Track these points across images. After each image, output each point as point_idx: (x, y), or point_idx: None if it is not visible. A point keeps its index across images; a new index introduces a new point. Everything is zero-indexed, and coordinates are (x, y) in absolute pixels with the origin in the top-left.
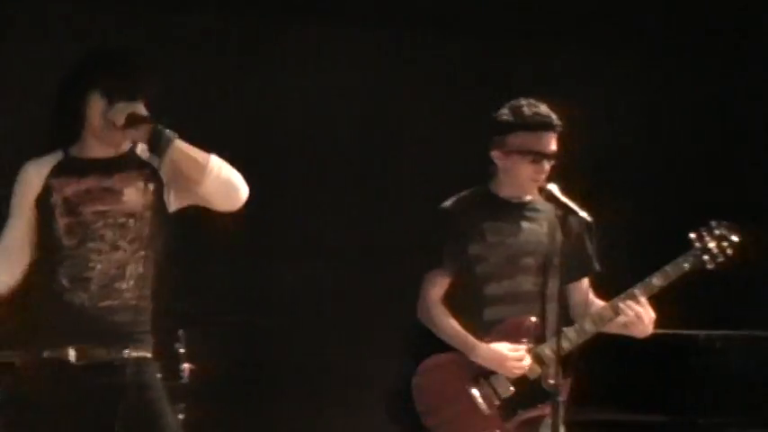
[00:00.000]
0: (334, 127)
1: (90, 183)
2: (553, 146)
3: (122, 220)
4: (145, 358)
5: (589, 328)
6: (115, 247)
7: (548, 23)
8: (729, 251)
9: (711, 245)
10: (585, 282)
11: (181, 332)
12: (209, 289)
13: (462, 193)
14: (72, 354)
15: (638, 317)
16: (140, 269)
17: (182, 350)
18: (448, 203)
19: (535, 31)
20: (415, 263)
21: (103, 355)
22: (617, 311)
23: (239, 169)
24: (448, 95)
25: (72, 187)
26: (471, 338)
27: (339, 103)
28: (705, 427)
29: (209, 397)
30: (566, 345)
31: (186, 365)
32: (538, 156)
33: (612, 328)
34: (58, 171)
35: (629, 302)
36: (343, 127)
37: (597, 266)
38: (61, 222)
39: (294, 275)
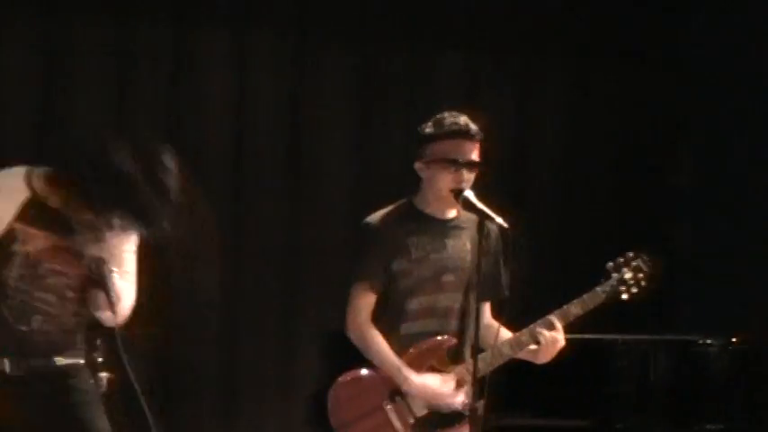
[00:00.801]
0: (258, 131)
1: None
2: (473, 155)
3: None
4: (76, 365)
5: (507, 352)
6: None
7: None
8: (644, 283)
9: (628, 276)
10: (487, 303)
11: (99, 341)
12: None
13: (388, 209)
14: (7, 364)
15: (554, 343)
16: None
17: (100, 359)
18: (374, 219)
19: (458, 41)
20: (339, 268)
21: (37, 364)
22: (536, 338)
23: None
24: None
25: None
26: (405, 368)
27: (262, 109)
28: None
29: (128, 406)
30: (482, 366)
31: (104, 374)
32: (457, 164)
33: (516, 355)
34: None
35: (544, 329)
36: (265, 133)
37: (506, 292)
38: None
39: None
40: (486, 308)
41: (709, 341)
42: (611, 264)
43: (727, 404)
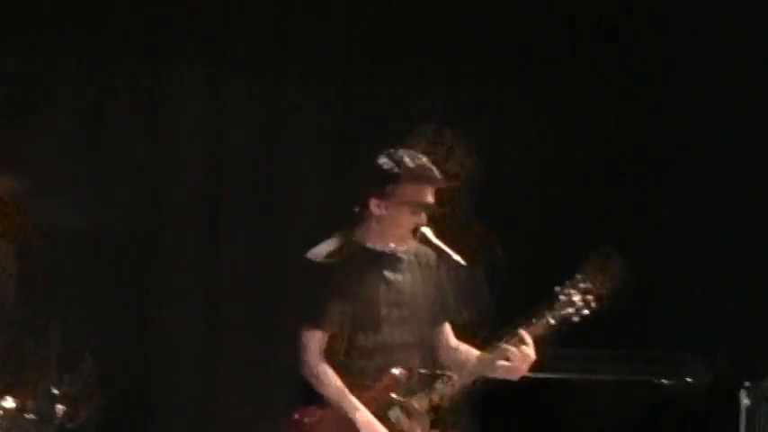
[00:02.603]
0: (231, 166)
1: None
2: (432, 197)
3: None
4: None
5: (476, 371)
6: None
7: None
8: (594, 304)
9: (576, 298)
10: (447, 327)
11: (54, 375)
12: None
13: (331, 245)
14: None
15: (524, 359)
16: None
17: (55, 392)
18: (319, 258)
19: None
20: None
21: None
22: (505, 355)
23: (118, 208)
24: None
25: None
26: (354, 402)
27: (237, 144)
28: None
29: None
30: (436, 398)
31: (60, 407)
32: (419, 207)
33: (487, 373)
34: None
35: (513, 346)
36: (241, 165)
37: (464, 313)
38: None
39: (171, 317)
40: (448, 332)
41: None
42: (558, 288)
43: None
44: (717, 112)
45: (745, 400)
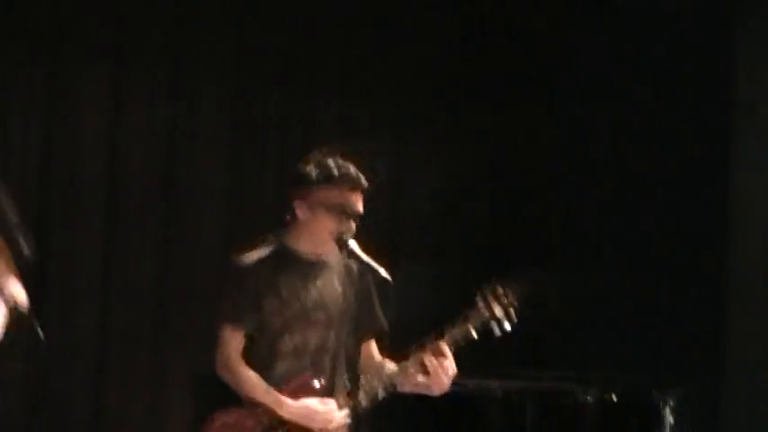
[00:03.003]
0: (127, 172)
1: None
2: (359, 205)
3: None
4: None
5: (392, 381)
6: None
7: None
8: (515, 318)
9: (497, 311)
10: (372, 340)
11: None
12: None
13: (257, 249)
14: None
15: (444, 370)
16: None
17: None
18: (243, 259)
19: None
20: (209, 309)
21: None
22: (423, 366)
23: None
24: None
25: None
26: (277, 393)
27: (136, 148)
28: None
29: None
30: (353, 405)
31: None
32: (344, 214)
33: (408, 388)
34: None
35: (431, 356)
36: (137, 171)
37: (385, 325)
38: None
39: (87, 318)
40: (371, 345)
41: (583, 392)
42: (477, 296)
43: None
44: (618, 121)
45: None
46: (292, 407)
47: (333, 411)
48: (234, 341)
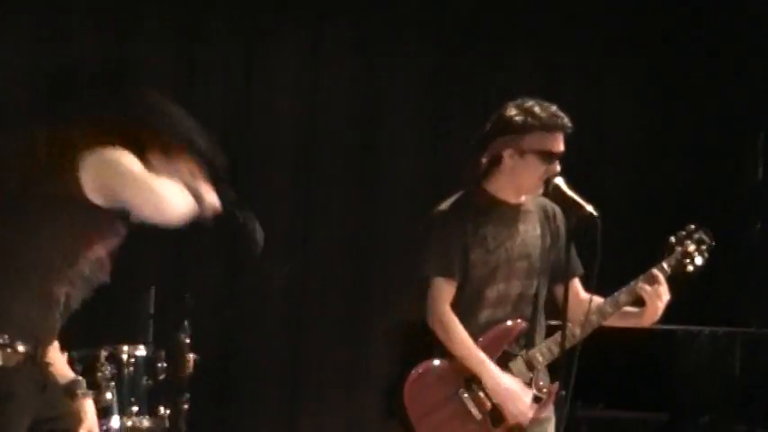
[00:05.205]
0: (326, 126)
1: None
2: (562, 145)
3: None
4: None
5: (608, 310)
6: None
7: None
8: (707, 254)
9: (691, 248)
10: (576, 281)
11: (186, 323)
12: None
13: (457, 197)
14: None
15: (659, 296)
16: None
17: (187, 341)
18: (446, 210)
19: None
20: (408, 260)
21: None
22: (636, 294)
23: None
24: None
25: None
26: (488, 362)
27: (330, 103)
28: (694, 425)
29: (211, 386)
30: (555, 349)
31: (191, 355)
32: (554, 156)
33: (618, 321)
34: None
35: (646, 284)
36: (335, 126)
37: (581, 268)
38: None
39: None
40: (577, 284)
41: None
42: (673, 238)
43: None
44: None
45: None
46: (493, 379)
47: (522, 406)
48: (445, 293)
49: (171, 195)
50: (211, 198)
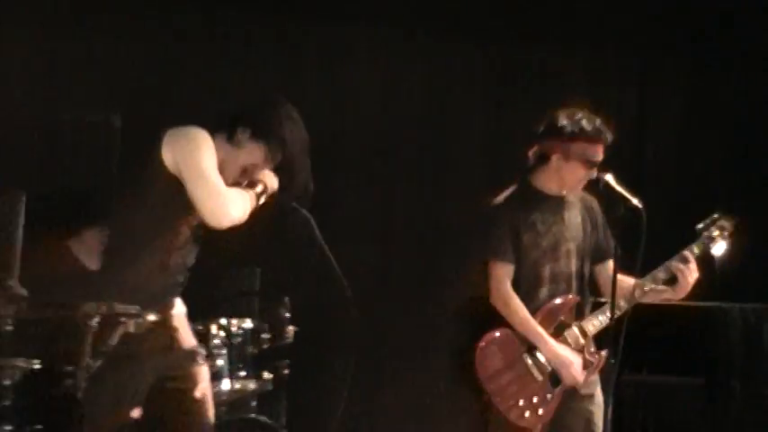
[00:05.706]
0: (385, 117)
1: None
2: (601, 155)
3: None
4: None
5: (649, 284)
6: None
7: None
8: (729, 238)
9: (715, 234)
10: (611, 262)
11: (286, 299)
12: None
13: (510, 191)
14: None
15: (691, 273)
16: None
17: (287, 314)
18: (501, 200)
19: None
20: (460, 248)
21: None
22: (671, 272)
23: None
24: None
25: None
26: (546, 336)
27: (390, 96)
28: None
29: (308, 354)
30: (603, 320)
31: (291, 327)
32: (593, 163)
33: (652, 297)
34: None
35: (680, 263)
36: (394, 117)
37: (618, 250)
38: None
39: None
40: (610, 265)
41: None
42: (701, 224)
43: None
44: None
45: None
46: (551, 350)
47: (575, 373)
48: (503, 274)
49: (230, 203)
50: (272, 183)
